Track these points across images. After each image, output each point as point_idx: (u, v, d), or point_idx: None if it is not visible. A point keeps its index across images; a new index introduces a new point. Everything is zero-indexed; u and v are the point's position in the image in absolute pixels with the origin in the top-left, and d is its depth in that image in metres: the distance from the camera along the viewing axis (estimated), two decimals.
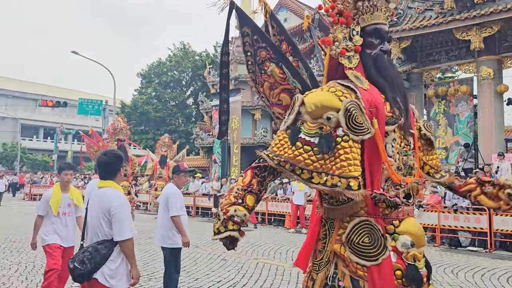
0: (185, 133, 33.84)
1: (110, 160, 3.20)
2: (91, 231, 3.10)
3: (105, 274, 2.94)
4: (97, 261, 2.91)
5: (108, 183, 3.15)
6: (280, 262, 7.89)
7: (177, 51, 38.46)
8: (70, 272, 2.99)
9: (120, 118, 13.37)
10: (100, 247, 2.96)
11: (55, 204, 4.72)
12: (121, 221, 2.98)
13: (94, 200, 3.15)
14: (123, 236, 2.97)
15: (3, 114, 49.15)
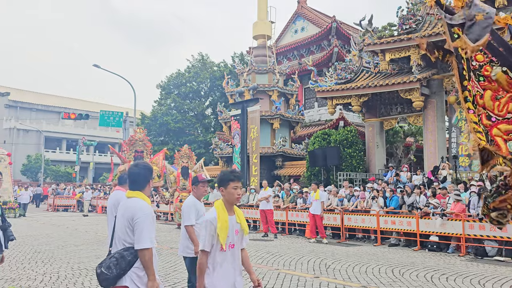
0: (204, 143, 34.04)
1: (141, 171, 3.33)
2: (117, 238, 3.21)
3: (134, 281, 3.02)
4: (122, 267, 3.00)
5: (136, 194, 3.26)
6: (301, 272, 7.82)
7: (195, 62, 38.89)
8: (97, 277, 3.08)
9: (138, 129, 13.53)
10: (126, 254, 3.05)
11: (223, 233, 3.16)
12: (142, 230, 3.06)
13: (122, 209, 3.27)
14: (141, 245, 3.04)
15: (27, 127, 50.38)
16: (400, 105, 18.41)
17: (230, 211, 3.27)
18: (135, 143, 12.75)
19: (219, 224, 3.13)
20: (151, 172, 3.42)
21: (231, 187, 3.26)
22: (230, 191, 3.26)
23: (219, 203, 3.27)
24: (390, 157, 22.27)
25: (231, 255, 3.23)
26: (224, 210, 3.22)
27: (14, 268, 8.00)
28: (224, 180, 3.30)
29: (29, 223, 17.55)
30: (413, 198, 11.81)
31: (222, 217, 3.18)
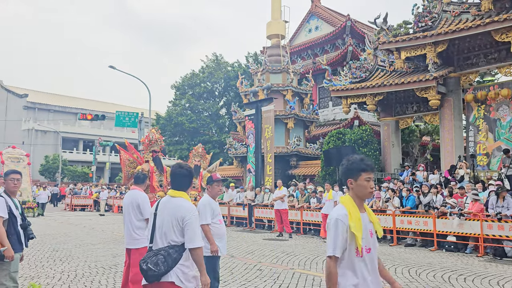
0: (219, 143, 34.16)
1: (186, 173, 3.45)
2: (160, 235, 3.31)
3: (180, 277, 3.18)
4: (169, 264, 3.15)
5: (181, 194, 3.40)
6: (316, 272, 7.79)
7: (210, 62, 39.06)
8: (142, 273, 3.19)
9: (154, 129, 13.62)
10: (172, 252, 3.19)
11: (359, 233, 2.60)
12: (194, 231, 3.23)
13: (165, 207, 3.36)
14: (194, 244, 3.21)
15: (45, 128, 51.23)
16: (416, 104, 18.20)
17: (361, 208, 2.74)
18: (154, 143, 12.84)
19: (353, 223, 2.60)
20: (193, 174, 3.59)
21: (363, 178, 2.72)
22: (361, 184, 2.72)
23: (347, 198, 2.75)
24: (406, 156, 22.03)
25: (369, 261, 2.65)
26: (355, 207, 2.68)
27: (33, 266, 8.15)
28: (353, 170, 2.77)
29: (47, 222, 17.85)
30: (429, 197, 11.67)
31: (354, 214, 2.64)
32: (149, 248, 3.36)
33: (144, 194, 5.83)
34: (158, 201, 3.53)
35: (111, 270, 7.82)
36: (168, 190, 12.86)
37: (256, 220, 16.31)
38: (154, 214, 3.44)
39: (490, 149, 15.83)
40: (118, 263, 8.48)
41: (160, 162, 12.72)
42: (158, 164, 12.64)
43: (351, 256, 2.58)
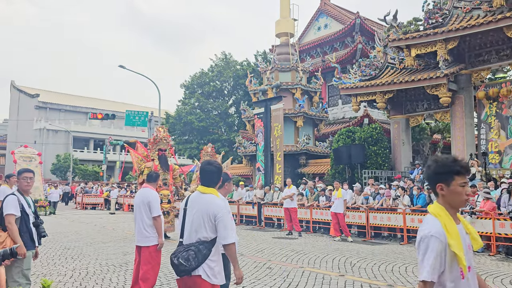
0: (228, 141, 34.20)
1: (215, 169, 3.51)
2: (190, 231, 3.39)
3: (207, 272, 3.28)
4: (199, 259, 3.25)
5: (211, 190, 3.47)
6: (326, 270, 7.77)
7: (218, 61, 39.09)
8: (173, 267, 3.31)
9: (161, 128, 13.66)
10: (202, 247, 3.28)
11: (461, 252, 2.15)
12: (226, 227, 3.31)
13: (196, 203, 3.44)
14: (228, 241, 3.29)
15: (56, 127, 51.75)
16: (426, 101, 18.05)
17: (456, 218, 2.27)
18: (159, 141, 12.89)
19: (452, 241, 2.12)
20: (221, 170, 3.63)
21: (458, 183, 2.20)
22: (456, 190, 2.21)
23: (438, 208, 2.26)
24: (416, 154, 21.86)
25: (473, 282, 2.21)
26: (450, 218, 2.21)
27: (46, 264, 8.24)
28: (444, 173, 2.23)
29: (59, 221, 18.04)
30: None
31: (452, 229, 2.17)
32: (179, 242, 3.45)
33: (155, 193, 5.87)
34: (188, 197, 3.60)
35: (121, 268, 7.89)
36: (173, 187, 12.84)
37: (265, 219, 16.32)
38: (184, 210, 3.52)
39: (502, 147, 15.64)
40: (129, 261, 8.54)
41: (166, 161, 12.74)
42: (163, 163, 12.66)
43: (454, 279, 2.13)
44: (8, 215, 4.55)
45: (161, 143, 12.87)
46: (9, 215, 4.55)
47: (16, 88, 59.13)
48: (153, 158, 12.75)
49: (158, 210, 5.72)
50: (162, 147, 12.84)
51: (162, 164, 12.61)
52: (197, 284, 3.29)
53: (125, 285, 6.56)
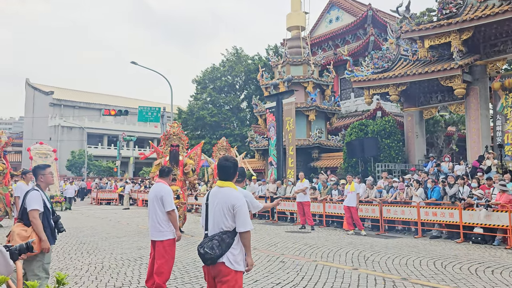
0: (240, 136, 34.24)
1: (230, 164, 3.79)
2: (213, 223, 3.66)
3: (230, 260, 3.52)
4: (223, 248, 3.50)
5: (228, 184, 3.74)
6: (339, 264, 7.76)
7: (230, 56, 39.07)
8: (200, 256, 3.57)
9: (174, 124, 13.70)
10: (224, 237, 3.53)
11: None
12: (244, 216, 3.56)
13: (216, 197, 3.71)
14: (245, 228, 3.56)
15: (71, 124, 52.40)
16: (440, 93, 17.80)
17: None
18: (170, 137, 12.93)
19: None
20: (237, 165, 3.90)
21: None
22: None
23: None
24: (430, 147, 21.62)
25: None
26: None
27: (62, 259, 8.37)
28: None
29: (74, 216, 18.30)
30: (455, 189, 11.43)
31: None
32: (204, 234, 3.71)
33: (168, 187, 5.91)
34: (208, 192, 3.86)
35: (136, 262, 7.97)
36: (184, 182, 12.82)
37: (278, 213, 16.33)
38: (206, 204, 3.79)
39: None
40: (143, 255, 8.63)
41: (176, 156, 12.69)
42: (173, 158, 12.62)
43: None
44: (33, 210, 4.61)
45: (172, 139, 12.92)
46: (34, 211, 4.61)
47: (31, 86, 59.96)
48: (166, 154, 12.83)
49: (172, 205, 5.76)
50: (174, 142, 12.88)
51: (172, 159, 12.62)
52: (221, 271, 3.52)
53: (140, 279, 6.64)
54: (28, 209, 4.61)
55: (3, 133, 15.64)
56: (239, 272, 3.58)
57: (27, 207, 4.62)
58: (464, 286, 6.13)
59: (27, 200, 4.65)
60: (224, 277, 3.52)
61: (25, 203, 4.64)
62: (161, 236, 5.73)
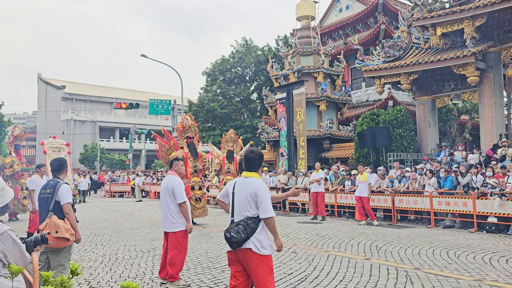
0: (251, 127, 34.23)
1: (256, 156, 4.02)
2: (239, 210, 3.89)
3: (256, 245, 3.73)
4: (248, 233, 3.71)
5: (253, 174, 3.98)
6: (352, 254, 7.75)
7: (239, 47, 38.92)
8: (226, 240, 3.79)
9: (188, 116, 13.73)
10: (250, 222, 3.76)
11: None
12: (265, 203, 3.78)
13: (241, 186, 3.94)
14: (268, 214, 3.77)
15: (83, 118, 52.86)
16: (453, 81, 17.55)
17: None
18: (188, 129, 12.91)
19: None
20: (262, 157, 4.12)
21: None
22: None
23: None
24: (443, 136, 21.39)
25: None
26: None
27: (77, 250, 8.50)
28: None
29: (88, 209, 18.53)
30: (468, 178, 11.31)
31: None
32: (231, 221, 3.93)
33: (179, 180, 5.95)
34: (235, 182, 4.09)
35: (149, 254, 8.06)
36: (203, 174, 12.89)
37: (290, 204, 16.34)
38: (232, 193, 4.02)
39: None
40: (156, 246, 8.72)
41: (195, 148, 12.84)
42: (192, 150, 12.76)
43: None
44: (67, 203, 4.74)
45: (189, 131, 12.90)
46: (68, 204, 4.75)
47: (43, 80, 60.52)
48: (182, 146, 12.83)
49: (183, 197, 5.79)
50: (190, 134, 12.87)
51: (192, 151, 12.70)
52: (248, 255, 3.74)
53: (153, 270, 6.71)
54: (63, 203, 4.72)
55: (17, 127, 15.83)
56: (267, 256, 3.79)
57: (61, 201, 4.72)
58: (478, 276, 6.08)
59: (60, 194, 4.73)
60: (252, 261, 3.74)
61: (59, 196, 4.72)
62: (173, 227, 5.78)
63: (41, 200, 4.84)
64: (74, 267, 1.74)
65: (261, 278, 3.72)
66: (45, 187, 4.87)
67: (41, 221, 4.76)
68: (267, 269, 3.76)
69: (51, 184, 4.83)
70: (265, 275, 3.74)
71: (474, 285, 5.60)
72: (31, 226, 10.34)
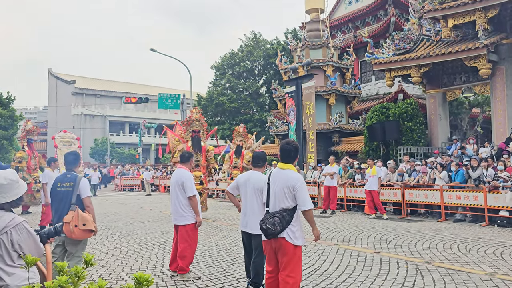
0: (260, 121, 34.22)
1: (292, 148, 4.10)
2: (274, 201, 4.01)
3: (290, 235, 3.89)
4: (283, 224, 3.86)
5: (288, 166, 4.07)
6: (361, 248, 7.74)
7: (248, 41, 38.84)
8: (262, 231, 3.96)
9: (195, 109, 13.64)
10: (285, 214, 3.89)
11: None
12: (304, 196, 3.91)
13: (277, 178, 4.04)
14: (306, 207, 3.91)
15: (93, 112, 53.23)
16: (464, 74, 17.34)
17: None
18: (192, 123, 12.90)
19: None
20: (298, 150, 4.18)
21: None
22: None
23: None
24: (454, 129, 21.19)
25: None
26: None
27: (88, 243, 8.54)
28: None
29: (99, 202, 18.71)
30: (479, 171, 11.20)
31: None
32: (266, 211, 4.07)
33: (188, 173, 5.97)
34: (270, 173, 4.20)
35: (160, 247, 8.13)
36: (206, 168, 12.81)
37: None
38: (267, 184, 4.14)
39: None
40: (167, 239, 8.79)
41: (199, 142, 12.73)
42: (195, 144, 12.64)
43: None
44: (88, 197, 4.87)
45: (194, 125, 12.86)
46: (89, 197, 4.88)
47: (53, 75, 60.99)
48: (187, 139, 12.85)
49: (193, 190, 5.82)
50: (196, 128, 12.83)
51: (195, 145, 12.65)
52: (282, 245, 3.90)
53: (164, 262, 6.77)
54: (83, 196, 4.83)
55: (29, 121, 15.98)
56: (298, 247, 3.94)
57: (82, 194, 4.83)
58: (489, 270, 6.04)
59: (81, 187, 4.83)
60: (284, 250, 3.90)
61: (79, 190, 4.81)
62: (183, 220, 5.82)
63: (59, 194, 4.87)
64: (88, 258, 1.76)
65: (290, 266, 3.89)
66: (62, 181, 4.91)
67: (60, 214, 4.78)
68: (297, 259, 3.94)
69: (69, 178, 4.88)
70: (295, 263, 3.91)
71: (485, 279, 5.56)
72: (43, 219, 10.49)
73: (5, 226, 2.90)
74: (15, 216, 2.98)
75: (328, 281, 5.63)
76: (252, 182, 5.02)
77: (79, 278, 1.69)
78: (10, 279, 2.84)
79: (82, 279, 1.72)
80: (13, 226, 2.92)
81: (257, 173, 5.10)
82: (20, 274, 2.88)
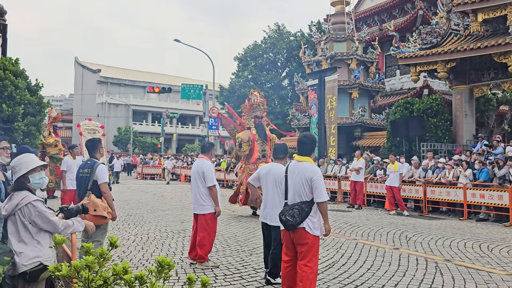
0: (281, 114, 34.14)
1: (309, 141, 4.20)
2: (293, 194, 4.09)
3: (310, 226, 3.99)
4: (302, 216, 3.96)
5: (306, 159, 4.14)
6: (380, 243, 7.69)
7: (272, 33, 38.67)
8: (281, 223, 4.05)
9: (257, 92, 11.66)
10: (303, 206, 3.98)
11: None
12: (321, 188, 3.98)
13: (295, 170, 4.10)
14: (322, 199, 3.98)
15: (117, 101, 54.07)
16: (493, 70, 16.87)
17: None
18: (256, 107, 11.12)
19: None
20: (316, 142, 4.30)
21: None
22: None
23: None
24: (480, 127, 20.68)
25: None
26: None
27: (110, 229, 8.79)
28: None
29: (121, 190, 19.08)
30: (505, 170, 10.93)
31: None
32: (284, 203, 4.16)
33: (208, 163, 6.03)
34: (287, 165, 4.26)
35: (179, 235, 8.26)
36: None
37: None
38: (285, 177, 4.20)
39: None
40: (186, 228, 8.92)
41: (263, 129, 11.27)
42: (260, 131, 11.18)
43: None
44: (104, 183, 4.97)
45: (258, 109, 11.22)
46: (105, 183, 4.98)
47: (79, 64, 62.15)
48: (249, 126, 11.32)
49: (213, 180, 5.87)
50: (259, 113, 11.23)
51: (259, 133, 11.14)
52: (302, 235, 4.00)
53: (183, 250, 6.88)
54: (100, 182, 4.94)
55: (53, 109, 16.38)
56: (317, 237, 4.04)
57: (99, 180, 4.93)
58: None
59: (98, 173, 4.93)
60: (304, 240, 4.00)
61: (96, 176, 4.91)
62: (203, 209, 5.89)
63: (80, 179, 5.04)
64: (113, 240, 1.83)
65: (309, 256, 3.98)
66: (83, 167, 5.07)
67: (80, 198, 4.96)
68: (315, 249, 4.05)
69: (89, 164, 5.02)
70: (313, 254, 4.01)
71: (507, 279, 5.47)
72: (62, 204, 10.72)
73: (17, 203, 3.10)
74: (28, 194, 3.16)
75: (346, 275, 5.63)
76: (272, 174, 5.03)
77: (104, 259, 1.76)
78: (19, 259, 3.03)
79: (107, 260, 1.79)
80: (25, 204, 3.10)
81: (278, 165, 5.09)
82: (28, 253, 3.04)
